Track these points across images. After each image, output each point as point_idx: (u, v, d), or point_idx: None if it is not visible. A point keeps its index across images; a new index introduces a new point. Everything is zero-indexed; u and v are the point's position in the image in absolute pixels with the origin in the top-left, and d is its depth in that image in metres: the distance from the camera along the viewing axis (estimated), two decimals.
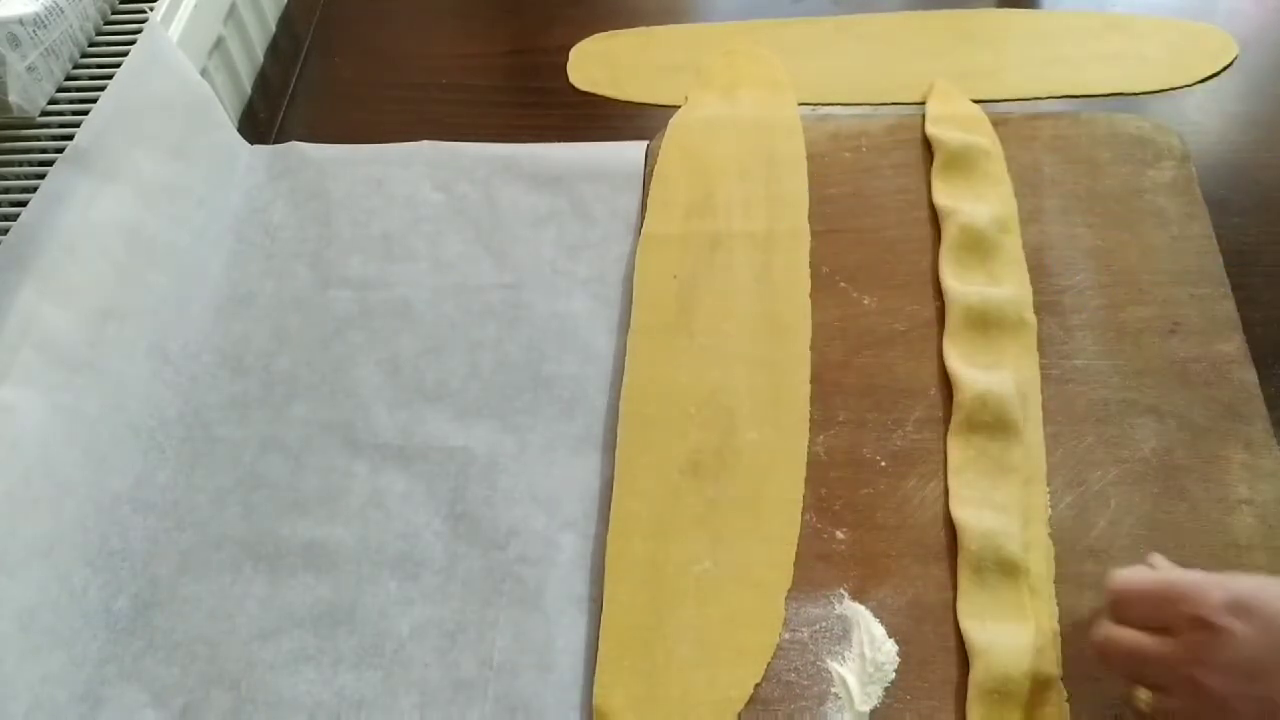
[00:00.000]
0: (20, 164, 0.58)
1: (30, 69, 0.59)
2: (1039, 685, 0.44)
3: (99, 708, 0.48)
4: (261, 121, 0.73)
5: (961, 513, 0.50)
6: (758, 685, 0.46)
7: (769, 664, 0.47)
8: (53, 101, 0.61)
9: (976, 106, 0.66)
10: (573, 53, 0.75)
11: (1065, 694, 0.45)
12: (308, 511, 0.54)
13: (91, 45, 0.64)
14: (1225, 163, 0.63)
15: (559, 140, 0.68)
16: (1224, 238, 0.58)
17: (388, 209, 0.65)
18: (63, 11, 0.61)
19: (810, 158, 0.64)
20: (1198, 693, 0.38)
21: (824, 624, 0.48)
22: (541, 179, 0.66)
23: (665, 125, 0.67)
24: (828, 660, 0.47)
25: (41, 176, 0.54)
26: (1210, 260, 0.58)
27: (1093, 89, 0.68)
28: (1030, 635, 0.46)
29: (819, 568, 0.50)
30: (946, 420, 0.53)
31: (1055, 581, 0.48)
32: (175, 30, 0.65)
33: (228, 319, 0.61)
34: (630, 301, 0.59)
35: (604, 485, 0.53)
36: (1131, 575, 0.41)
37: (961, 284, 0.57)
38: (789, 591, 0.49)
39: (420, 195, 0.66)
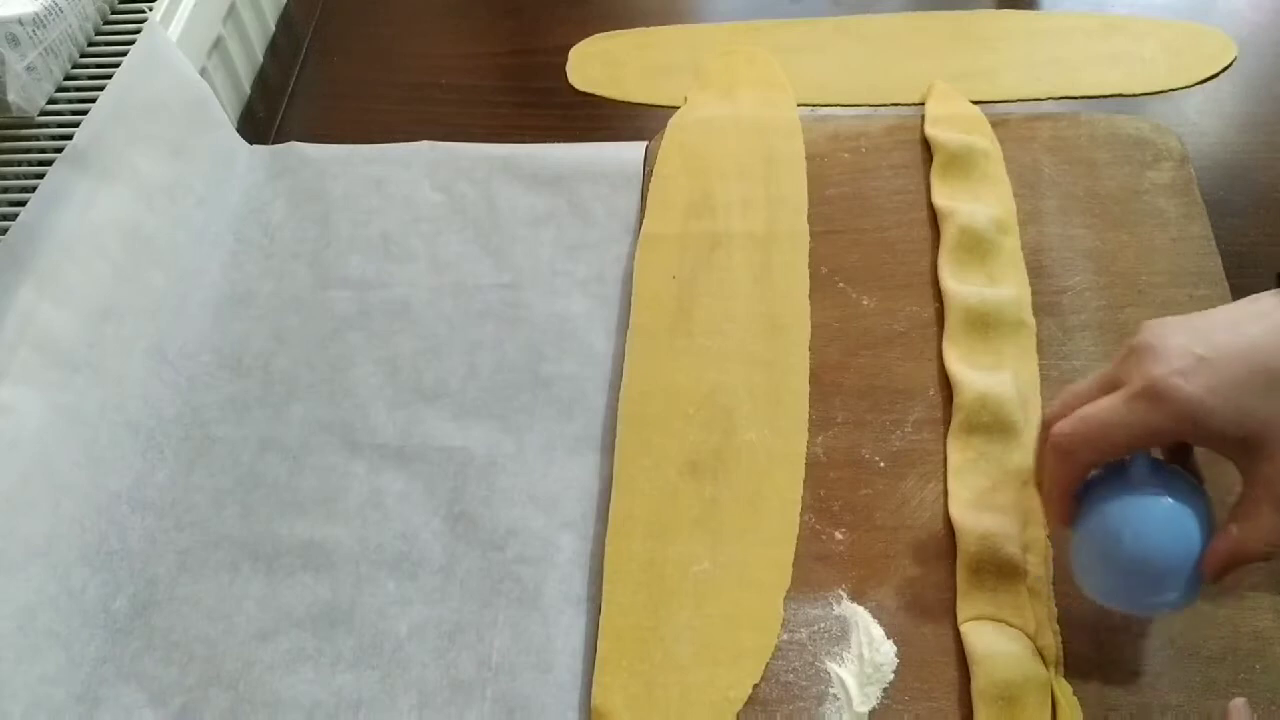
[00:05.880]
0: (19, 164, 0.58)
1: (29, 68, 0.59)
2: (1042, 688, 0.44)
3: (97, 707, 0.48)
4: (261, 121, 0.73)
5: (960, 514, 0.50)
6: (756, 686, 0.46)
7: (767, 665, 0.47)
8: (52, 101, 0.61)
9: (975, 107, 0.66)
10: (572, 53, 0.75)
11: (1070, 688, 0.44)
12: (306, 511, 0.54)
13: (91, 45, 0.64)
14: (1224, 164, 0.63)
15: (558, 140, 0.68)
16: (1223, 238, 0.58)
17: (387, 209, 0.65)
18: (62, 11, 0.61)
19: (810, 158, 0.64)
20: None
21: (823, 625, 0.48)
22: (541, 179, 0.66)
23: (664, 125, 0.67)
24: (826, 661, 0.47)
25: (40, 176, 0.54)
26: (1209, 261, 0.57)
27: (1091, 90, 0.68)
28: (1030, 639, 0.45)
29: (818, 568, 0.49)
30: (945, 421, 0.53)
31: (1054, 583, 0.48)
32: (174, 30, 0.65)
33: (227, 319, 0.61)
34: (629, 302, 0.59)
35: (603, 485, 0.53)
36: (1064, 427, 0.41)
37: (961, 285, 0.57)
38: (787, 592, 0.49)
39: (420, 195, 0.66)
